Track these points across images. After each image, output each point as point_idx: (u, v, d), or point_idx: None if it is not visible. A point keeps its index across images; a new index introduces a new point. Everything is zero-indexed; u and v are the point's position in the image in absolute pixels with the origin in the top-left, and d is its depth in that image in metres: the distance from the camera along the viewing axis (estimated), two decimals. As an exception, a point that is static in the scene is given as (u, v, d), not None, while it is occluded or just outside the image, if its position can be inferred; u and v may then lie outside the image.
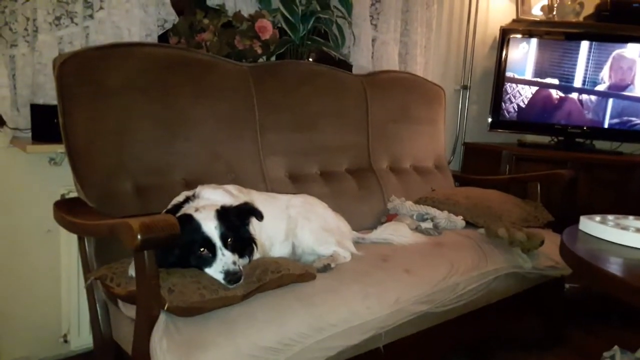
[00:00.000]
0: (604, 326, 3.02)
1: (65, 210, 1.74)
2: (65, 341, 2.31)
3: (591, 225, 1.89)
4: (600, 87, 3.60)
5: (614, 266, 1.61)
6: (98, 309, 1.80)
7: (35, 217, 2.19)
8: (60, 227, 1.80)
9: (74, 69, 1.84)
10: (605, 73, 3.58)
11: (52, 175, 2.20)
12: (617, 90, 3.58)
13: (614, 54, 3.55)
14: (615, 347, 2.13)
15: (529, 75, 3.66)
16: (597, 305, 3.08)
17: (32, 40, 2.13)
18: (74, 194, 1.97)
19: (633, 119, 3.59)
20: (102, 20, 2.26)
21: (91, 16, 2.26)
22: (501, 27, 3.69)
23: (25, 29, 2.12)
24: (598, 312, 3.11)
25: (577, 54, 3.60)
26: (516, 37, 3.63)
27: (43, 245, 2.23)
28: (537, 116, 3.69)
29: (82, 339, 2.30)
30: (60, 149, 2.01)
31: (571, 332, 2.89)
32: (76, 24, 2.22)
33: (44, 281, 2.25)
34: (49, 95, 2.13)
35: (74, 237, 2.01)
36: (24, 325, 2.25)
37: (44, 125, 2.08)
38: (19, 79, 2.14)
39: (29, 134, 2.14)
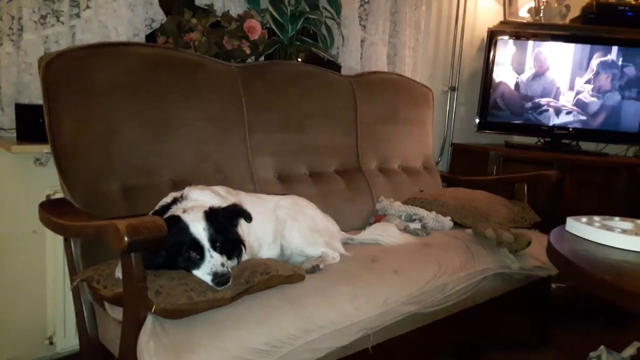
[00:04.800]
0: (590, 326, 3.05)
1: (51, 211, 1.71)
2: (51, 343, 2.28)
3: (578, 226, 1.91)
4: (586, 89, 3.63)
5: (600, 267, 1.62)
6: (84, 310, 1.78)
7: (20, 218, 2.16)
8: (46, 228, 1.78)
9: (60, 68, 1.82)
10: (590, 75, 3.61)
11: (37, 176, 2.18)
12: (602, 92, 3.62)
13: (599, 56, 3.58)
14: (602, 347, 2.14)
15: (515, 76, 3.68)
16: (584, 305, 3.11)
17: (17, 39, 2.11)
18: (59, 195, 1.95)
19: (618, 120, 3.63)
20: (89, 19, 2.25)
21: (78, 15, 2.25)
22: (489, 28, 3.71)
23: (10, 28, 2.10)
24: (584, 313, 3.14)
25: (564, 55, 3.63)
26: (503, 39, 3.65)
27: (28, 246, 2.20)
28: (524, 117, 3.72)
29: (68, 340, 2.28)
30: (45, 149, 2.00)
31: (557, 332, 2.91)
32: (62, 23, 2.21)
33: (29, 282, 2.22)
34: (35, 95, 2.12)
35: (59, 239, 1.99)
36: (8, 327, 2.22)
37: (29, 125, 2.06)
38: (4, 78, 2.11)
39: (14, 134, 2.12)
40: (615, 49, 3.57)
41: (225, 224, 1.58)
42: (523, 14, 3.91)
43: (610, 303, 1.52)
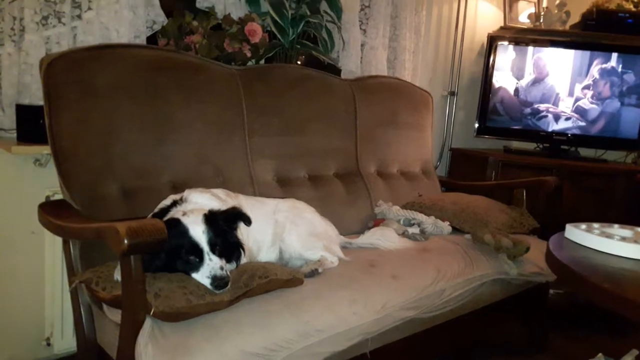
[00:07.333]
0: (588, 333, 3.04)
1: (50, 212, 1.71)
2: (49, 344, 2.27)
3: (577, 233, 1.91)
4: (586, 95, 3.64)
5: (598, 274, 1.62)
6: (82, 312, 1.78)
7: (20, 219, 2.15)
8: (45, 229, 1.78)
9: (61, 69, 1.82)
10: (590, 81, 3.62)
11: (37, 177, 2.17)
12: (602, 98, 3.63)
13: (599, 62, 3.59)
14: (600, 354, 2.15)
15: (515, 82, 3.69)
16: (581, 312, 3.11)
17: (18, 39, 2.11)
18: (59, 196, 1.94)
19: (617, 127, 3.64)
20: (91, 20, 2.24)
21: (79, 16, 2.24)
22: (489, 34, 3.72)
23: (12, 29, 2.09)
24: (582, 319, 3.14)
25: (563, 62, 3.64)
26: (503, 44, 3.66)
27: (27, 247, 2.19)
28: (523, 123, 3.73)
29: (66, 342, 2.27)
30: (45, 150, 1.99)
31: (555, 339, 2.91)
32: (64, 24, 2.20)
33: (28, 284, 2.22)
34: (35, 96, 2.11)
35: (58, 240, 1.99)
36: (6, 327, 2.21)
37: (30, 125, 2.05)
38: (5, 79, 2.11)
39: (14, 135, 2.11)
40: (615, 55, 3.58)
41: (225, 227, 1.58)
42: (523, 19, 3.92)
43: (608, 310, 1.51)
